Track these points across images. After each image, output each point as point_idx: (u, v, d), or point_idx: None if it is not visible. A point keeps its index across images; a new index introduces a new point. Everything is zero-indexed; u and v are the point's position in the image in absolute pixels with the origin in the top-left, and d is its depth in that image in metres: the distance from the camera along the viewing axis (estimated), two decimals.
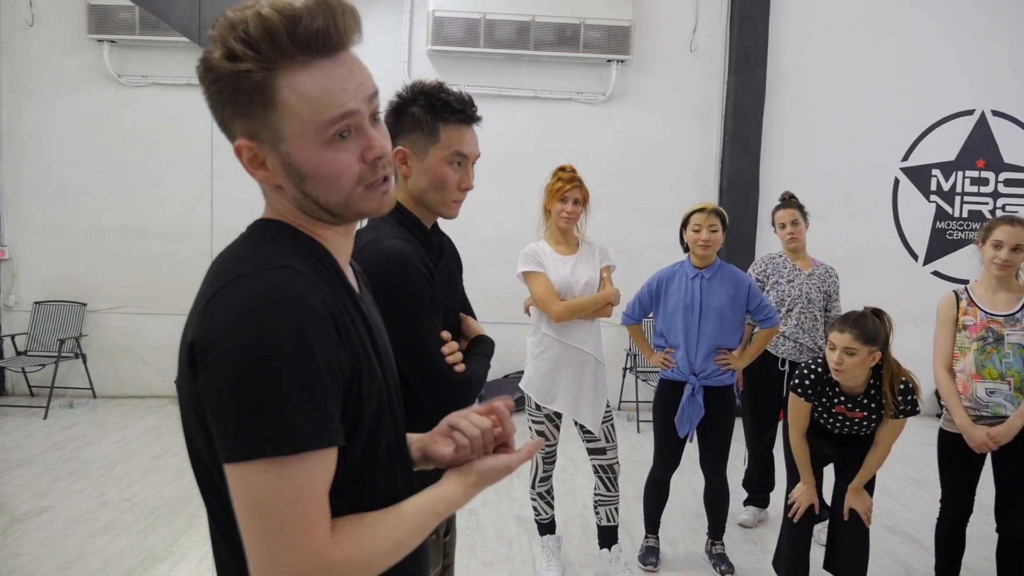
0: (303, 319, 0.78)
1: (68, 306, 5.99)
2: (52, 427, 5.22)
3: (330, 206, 0.90)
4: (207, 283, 0.85)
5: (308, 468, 0.77)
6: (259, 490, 0.76)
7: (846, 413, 2.67)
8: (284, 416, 0.75)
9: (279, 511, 0.76)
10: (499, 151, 6.13)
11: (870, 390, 2.64)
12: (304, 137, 0.85)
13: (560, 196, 3.05)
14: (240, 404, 0.76)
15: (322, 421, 0.78)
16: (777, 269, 3.78)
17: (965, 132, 6.41)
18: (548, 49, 5.91)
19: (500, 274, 5.99)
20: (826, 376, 2.66)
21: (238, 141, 0.87)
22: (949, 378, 2.86)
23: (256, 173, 0.89)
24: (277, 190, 0.91)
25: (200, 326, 0.80)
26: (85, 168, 5.96)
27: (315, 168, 0.86)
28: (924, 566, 3.45)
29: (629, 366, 6.02)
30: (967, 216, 6.49)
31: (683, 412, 3.21)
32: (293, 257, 0.85)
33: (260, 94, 0.83)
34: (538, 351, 3.11)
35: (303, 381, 0.77)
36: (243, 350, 0.76)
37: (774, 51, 6.17)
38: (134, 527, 3.58)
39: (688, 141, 6.26)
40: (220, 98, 0.85)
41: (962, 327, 2.85)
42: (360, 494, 0.89)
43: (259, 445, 0.75)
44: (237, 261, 0.84)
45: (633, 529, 3.71)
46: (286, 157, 0.86)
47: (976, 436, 2.76)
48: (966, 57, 6.33)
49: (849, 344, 2.50)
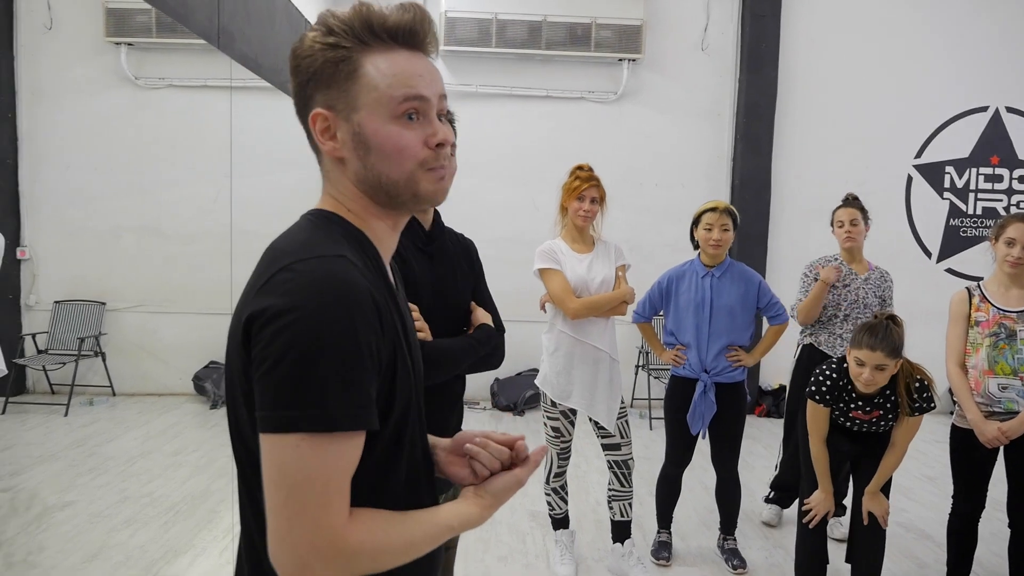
0: (353, 307, 0.83)
1: (87, 305, 6.08)
2: (73, 424, 5.30)
3: (390, 183, 0.95)
4: (263, 266, 0.90)
5: (337, 448, 0.82)
6: (288, 463, 0.80)
7: (863, 416, 2.69)
8: (324, 395, 0.80)
9: (302, 485, 0.80)
10: (511, 150, 6.19)
11: (885, 390, 2.64)
12: (377, 109, 0.93)
13: (577, 195, 3.08)
14: (284, 378, 0.80)
15: (358, 405, 0.82)
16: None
17: (979, 129, 6.38)
18: (560, 49, 5.94)
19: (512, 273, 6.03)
20: (842, 382, 2.66)
21: (314, 111, 0.94)
22: (961, 374, 2.87)
23: (325, 144, 0.95)
24: (339, 166, 0.97)
25: (258, 303, 0.85)
26: (103, 170, 6.05)
27: (382, 141, 0.93)
28: (937, 562, 3.46)
29: (642, 364, 6.05)
30: (981, 213, 6.47)
31: (695, 409, 3.24)
32: (347, 248, 0.91)
33: (345, 67, 0.92)
34: (553, 348, 3.15)
35: (346, 365, 0.81)
36: (296, 328, 0.81)
37: (786, 49, 6.17)
38: (155, 521, 3.65)
39: (699, 140, 6.27)
40: (308, 71, 0.93)
41: (974, 323, 2.86)
42: (383, 480, 0.93)
43: (295, 420, 0.80)
44: (295, 248, 0.89)
45: (645, 524, 3.74)
46: (357, 127, 0.93)
47: (988, 431, 2.77)
48: (980, 53, 6.30)
49: (881, 361, 2.50)
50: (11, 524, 3.57)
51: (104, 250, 6.10)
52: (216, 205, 6.02)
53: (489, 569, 3.32)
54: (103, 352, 6.01)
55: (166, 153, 6.03)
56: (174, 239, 6.09)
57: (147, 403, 5.94)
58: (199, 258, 6.03)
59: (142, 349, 6.18)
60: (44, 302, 6.11)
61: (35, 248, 6.11)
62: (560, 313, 3.11)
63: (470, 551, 3.45)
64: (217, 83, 5.86)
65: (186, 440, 4.97)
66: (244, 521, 0.96)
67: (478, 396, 6.18)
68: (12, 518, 3.64)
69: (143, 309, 6.16)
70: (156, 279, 6.13)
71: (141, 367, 6.18)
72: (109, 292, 6.13)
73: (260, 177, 5.75)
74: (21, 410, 5.62)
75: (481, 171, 6.08)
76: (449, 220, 2.13)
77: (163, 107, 6.01)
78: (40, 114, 6.01)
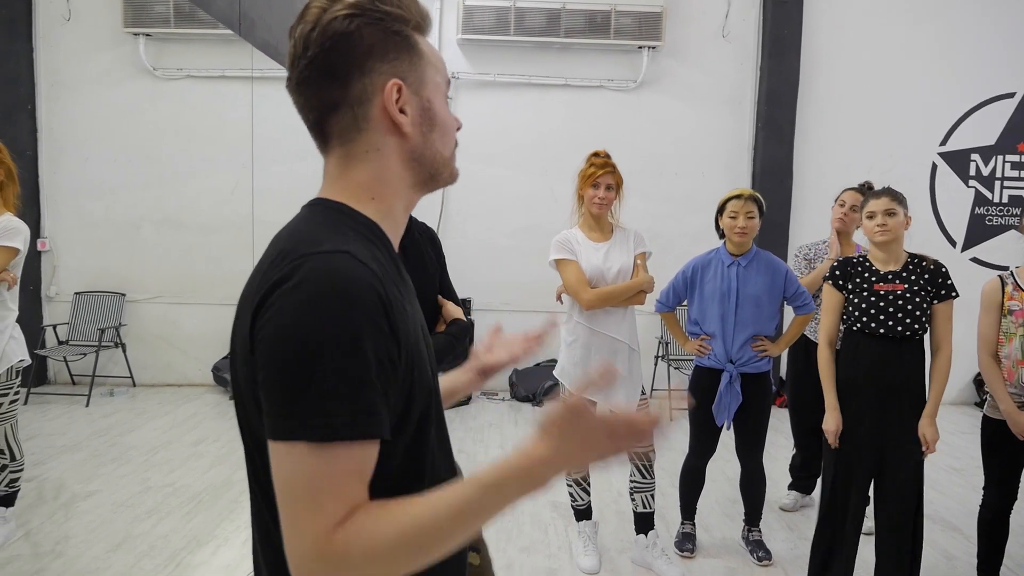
0: (355, 309, 0.79)
1: (107, 296, 6.11)
2: (94, 414, 5.34)
3: (441, 161, 0.98)
4: (267, 260, 0.86)
5: (338, 457, 0.78)
6: (285, 469, 0.78)
7: (887, 287, 2.65)
8: (323, 404, 0.77)
9: (296, 492, 0.78)
10: (529, 140, 6.15)
11: (908, 264, 2.69)
12: (438, 88, 0.96)
13: (592, 182, 3.04)
14: (285, 387, 0.78)
15: (362, 413, 0.78)
16: (819, 255, 3.74)
17: (1006, 115, 6.27)
18: (578, 36, 5.88)
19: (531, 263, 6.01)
20: (855, 258, 2.76)
21: (391, 81, 0.91)
22: (994, 364, 2.81)
23: (398, 116, 0.92)
24: (391, 141, 0.93)
25: (261, 303, 0.82)
26: (122, 161, 6.06)
27: (444, 119, 0.97)
28: (965, 554, 3.41)
29: (661, 354, 6.01)
30: (1007, 201, 6.36)
31: (720, 400, 3.20)
32: (353, 242, 0.86)
33: (407, 44, 0.93)
34: (571, 339, 3.12)
35: (349, 372, 0.77)
36: (295, 336, 0.77)
37: (808, 35, 6.08)
38: (178, 511, 3.66)
39: (720, 128, 6.20)
40: (365, 42, 0.90)
41: (1008, 312, 2.80)
42: (407, 483, 0.89)
43: (294, 429, 0.77)
44: (300, 242, 0.84)
45: (668, 515, 3.71)
46: (427, 103, 0.94)
47: (1021, 423, 2.72)
48: (1006, 38, 6.18)
49: (888, 206, 2.65)
50: (37, 513, 3.60)
51: (124, 241, 6.13)
52: (235, 196, 6.03)
53: (512, 560, 3.30)
54: (123, 343, 6.04)
55: (185, 144, 6.04)
56: (193, 230, 6.11)
57: (167, 393, 5.97)
58: (218, 249, 6.04)
59: (162, 340, 6.21)
60: (64, 293, 6.15)
61: (55, 239, 6.14)
62: (576, 304, 3.08)
63: (491, 542, 3.44)
64: (235, 73, 5.85)
65: (206, 430, 4.99)
66: (256, 507, 0.93)
67: (496, 387, 6.16)
68: (38, 508, 3.66)
69: (163, 300, 6.19)
70: (175, 270, 6.15)
71: (161, 358, 6.21)
72: (129, 283, 6.16)
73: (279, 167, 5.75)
74: (43, 401, 5.66)
75: (499, 161, 6.04)
76: (467, 211, 2.11)
77: (181, 98, 6.01)
78: (59, 106, 6.03)
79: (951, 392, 6.34)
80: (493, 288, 6.08)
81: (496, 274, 6.07)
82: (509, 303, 6.07)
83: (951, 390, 6.32)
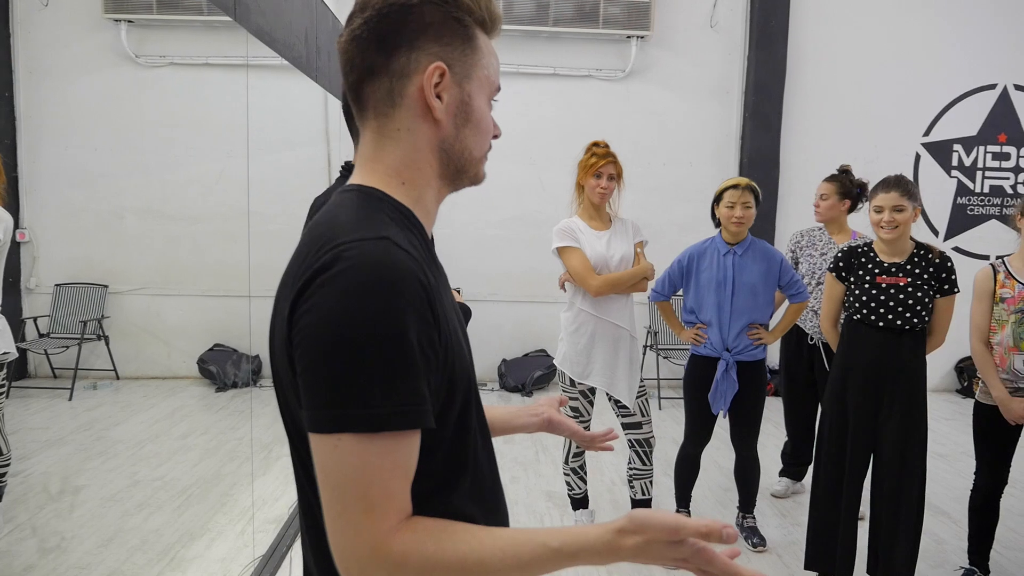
0: (398, 297, 0.77)
1: (89, 288, 6.01)
2: (77, 408, 5.25)
3: (469, 158, 0.95)
4: (305, 248, 0.84)
5: (383, 449, 0.76)
6: (332, 463, 0.76)
7: (890, 280, 2.67)
8: (368, 394, 0.75)
9: (345, 487, 0.76)
10: (518, 129, 6.12)
11: (913, 257, 2.69)
12: (483, 86, 0.95)
13: (595, 172, 3.04)
14: (326, 377, 0.75)
15: (408, 402, 0.77)
16: (812, 242, 3.76)
17: (987, 107, 6.35)
18: (567, 25, 5.86)
19: (520, 253, 6.00)
20: (860, 248, 2.75)
21: (436, 63, 0.89)
22: (986, 351, 2.85)
23: (433, 100, 0.89)
24: (423, 126, 0.91)
25: (301, 292, 0.79)
26: (103, 150, 5.95)
27: (482, 117, 0.95)
28: (955, 538, 3.46)
29: (650, 343, 6.03)
30: (988, 191, 6.45)
31: (717, 388, 3.22)
32: (391, 227, 0.84)
33: (466, 33, 0.92)
34: (574, 327, 3.11)
35: (393, 360, 0.75)
36: (338, 324, 0.75)
37: (795, 26, 6.11)
38: (168, 505, 3.61)
39: (708, 118, 6.22)
40: (426, 18, 0.89)
41: (999, 300, 2.84)
42: (449, 481, 0.88)
43: (337, 420, 0.75)
44: (338, 230, 0.82)
45: (662, 504, 3.73)
46: (467, 96, 0.92)
47: (1013, 409, 2.76)
48: (988, 31, 6.26)
49: (897, 202, 2.62)
50: (24, 509, 3.54)
51: (106, 231, 6.03)
52: (219, 185, 5.94)
53: None
54: (106, 335, 5.94)
55: (168, 133, 5.94)
56: (177, 220, 6.02)
57: (152, 386, 5.89)
58: (203, 239, 5.96)
59: (146, 332, 6.12)
60: (45, 285, 6.03)
61: (35, 230, 6.02)
62: (580, 291, 3.08)
63: None
64: (219, 61, 5.76)
65: (194, 423, 4.94)
66: (306, 503, 0.91)
67: (486, 377, 6.15)
68: (24, 503, 3.60)
69: (146, 291, 6.10)
70: (159, 261, 6.06)
71: (145, 350, 6.13)
72: (111, 274, 6.05)
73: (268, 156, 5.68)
74: (24, 394, 5.56)
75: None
76: (455, 199, 2.10)
77: (164, 85, 5.91)
78: (38, 94, 5.90)
79: (934, 379, 6.43)
80: (482, 278, 6.06)
81: (484, 264, 6.05)
82: (497, 293, 6.06)
83: (935, 377, 6.42)
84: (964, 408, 5.72)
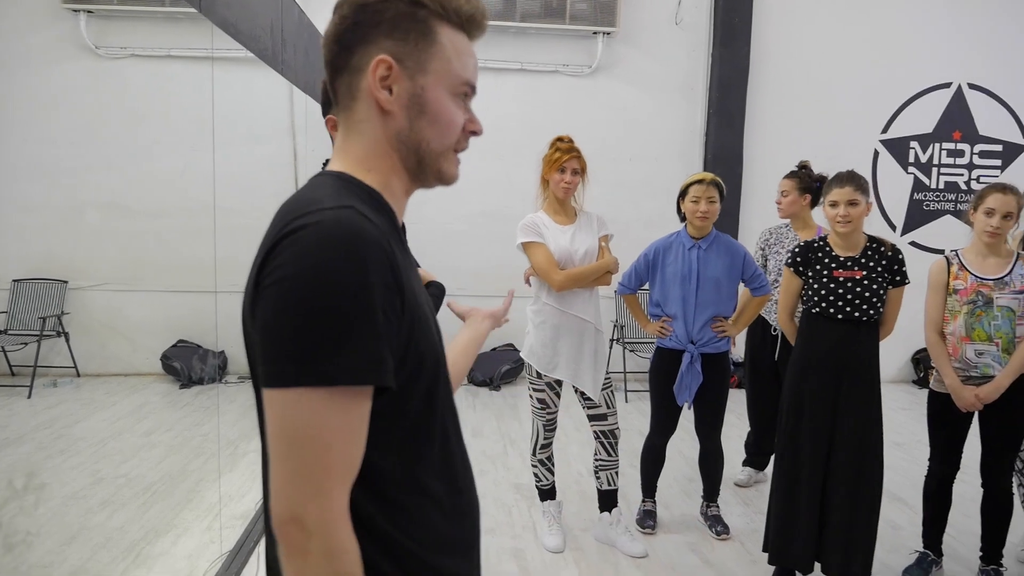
0: (361, 260, 0.79)
1: (49, 284, 5.89)
2: (37, 406, 5.15)
3: (427, 151, 0.97)
4: (273, 225, 0.87)
5: (339, 405, 0.77)
6: (289, 418, 0.77)
7: (846, 274, 2.75)
8: (326, 349, 0.76)
9: (303, 442, 0.77)
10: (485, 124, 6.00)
11: (866, 250, 2.78)
12: (443, 80, 0.95)
13: (559, 166, 3.07)
14: (285, 333, 0.77)
15: (366, 359, 0.78)
16: (780, 239, 3.85)
17: (942, 105, 6.53)
18: (534, 21, 5.89)
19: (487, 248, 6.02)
20: (815, 243, 2.83)
21: (380, 56, 0.92)
22: (940, 341, 2.94)
23: (379, 92, 0.93)
24: (378, 118, 0.94)
25: (265, 256, 0.82)
26: (63, 143, 5.83)
27: (439, 109, 0.96)
28: (910, 524, 3.57)
29: (616, 337, 6.09)
30: (943, 187, 6.63)
31: (682, 380, 3.28)
32: (359, 202, 0.87)
33: (422, 28, 0.93)
34: (539, 320, 3.14)
35: (352, 318, 0.77)
36: (299, 281, 0.77)
37: (758, 24, 6.21)
38: (132, 502, 3.57)
39: (673, 115, 6.29)
40: (380, 15, 0.92)
41: (953, 291, 2.93)
42: (418, 449, 0.90)
43: (295, 374, 0.76)
44: (304, 203, 0.85)
45: (629, 495, 3.78)
46: (420, 89, 0.94)
47: (965, 397, 2.86)
48: (944, 31, 6.43)
49: (851, 196, 2.70)
50: None
51: (65, 226, 5.90)
52: (183, 179, 5.86)
53: None
54: (66, 332, 5.83)
55: (130, 126, 5.83)
56: (140, 215, 5.92)
57: (114, 383, 5.79)
58: (167, 234, 5.87)
59: (108, 328, 6.01)
60: (2, 281, 5.89)
61: None
62: (545, 286, 3.11)
63: None
64: (182, 53, 5.68)
65: (158, 420, 4.88)
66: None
67: None
68: None
69: (108, 287, 5.99)
70: (122, 256, 5.95)
71: (107, 347, 6.02)
72: (72, 270, 5.94)
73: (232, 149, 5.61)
74: None
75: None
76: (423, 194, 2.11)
77: (126, 78, 5.81)
78: None
79: (891, 370, 6.60)
80: (449, 273, 5.98)
81: (452, 259, 6.05)
82: (465, 288, 6.05)
83: (892, 368, 6.58)
84: (920, 398, 5.87)
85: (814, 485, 2.83)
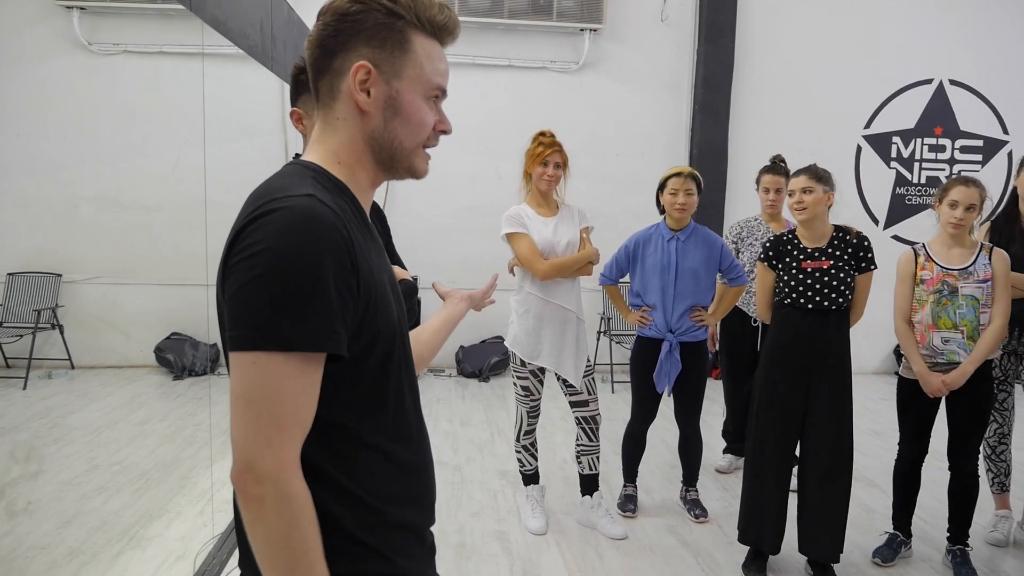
0: (318, 241, 0.89)
1: (43, 277, 5.96)
2: (32, 397, 5.22)
3: (399, 148, 1.07)
4: (244, 208, 0.98)
5: (293, 369, 0.88)
6: (248, 378, 0.88)
7: (814, 265, 2.86)
8: (283, 318, 0.87)
9: (259, 400, 0.88)
10: (473, 120, 6.22)
11: (833, 240, 2.89)
12: (416, 84, 1.05)
13: (541, 160, 3.16)
14: (249, 302, 0.88)
15: (318, 330, 0.88)
16: (752, 232, 3.95)
17: (924, 101, 6.64)
18: (522, 18, 5.97)
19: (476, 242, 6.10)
20: (785, 236, 2.94)
21: (360, 62, 1.01)
22: (908, 329, 3.05)
23: (358, 95, 1.02)
24: (356, 118, 1.04)
25: (233, 240, 0.93)
26: (56, 139, 5.89)
27: (412, 111, 1.06)
28: (884, 507, 3.67)
29: (603, 329, 6.19)
30: (925, 182, 6.75)
31: (661, 368, 3.38)
32: (320, 190, 0.98)
33: (398, 36, 1.03)
34: (523, 309, 3.24)
35: (308, 293, 0.88)
36: (261, 256, 0.88)
37: (742, 21, 6.30)
38: (127, 488, 3.66)
39: (659, 110, 6.39)
40: (359, 23, 1.01)
41: (920, 281, 3.04)
42: (372, 411, 1.01)
43: (254, 338, 0.87)
44: (272, 191, 0.96)
45: (611, 480, 3.89)
46: (395, 92, 1.04)
47: (932, 382, 2.97)
48: (926, 28, 6.53)
49: (805, 184, 2.83)
50: None
51: (59, 221, 5.97)
52: (175, 174, 5.93)
53: (463, 524, 3.43)
54: (60, 324, 5.90)
55: (122, 121, 5.90)
56: (133, 209, 5.99)
57: (108, 375, 5.87)
58: (160, 228, 5.95)
59: (101, 321, 6.09)
60: None
61: None
62: (528, 275, 3.21)
63: (443, 508, 3.56)
64: (174, 49, 5.74)
65: (152, 410, 4.96)
66: None
67: (443, 364, 6.26)
68: None
69: (102, 280, 6.07)
70: (115, 250, 6.03)
71: (101, 339, 6.10)
72: (66, 263, 6.00)
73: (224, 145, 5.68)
74: None
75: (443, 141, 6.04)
76: (412, 188, 2.21)
77: (118, 74, 5.87)
78: None
79: (872, 362, 6.73)
80: (438, 266, 6.14)
81: (441, 252, 6.15)
82: (454, 281, 6.09)
83: (873, 360, 6.71)
84: None
85: (784, 469, 2.95)
